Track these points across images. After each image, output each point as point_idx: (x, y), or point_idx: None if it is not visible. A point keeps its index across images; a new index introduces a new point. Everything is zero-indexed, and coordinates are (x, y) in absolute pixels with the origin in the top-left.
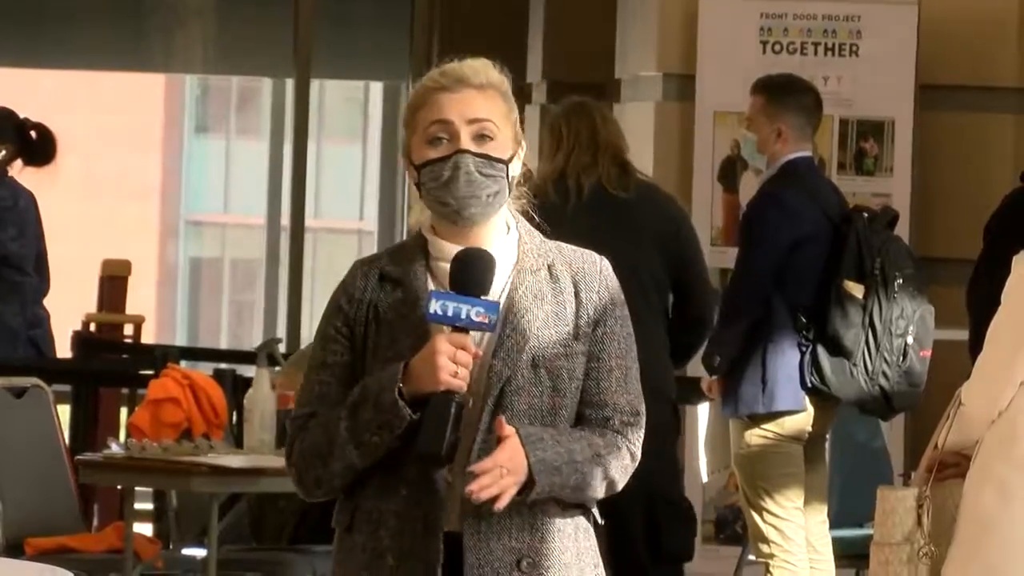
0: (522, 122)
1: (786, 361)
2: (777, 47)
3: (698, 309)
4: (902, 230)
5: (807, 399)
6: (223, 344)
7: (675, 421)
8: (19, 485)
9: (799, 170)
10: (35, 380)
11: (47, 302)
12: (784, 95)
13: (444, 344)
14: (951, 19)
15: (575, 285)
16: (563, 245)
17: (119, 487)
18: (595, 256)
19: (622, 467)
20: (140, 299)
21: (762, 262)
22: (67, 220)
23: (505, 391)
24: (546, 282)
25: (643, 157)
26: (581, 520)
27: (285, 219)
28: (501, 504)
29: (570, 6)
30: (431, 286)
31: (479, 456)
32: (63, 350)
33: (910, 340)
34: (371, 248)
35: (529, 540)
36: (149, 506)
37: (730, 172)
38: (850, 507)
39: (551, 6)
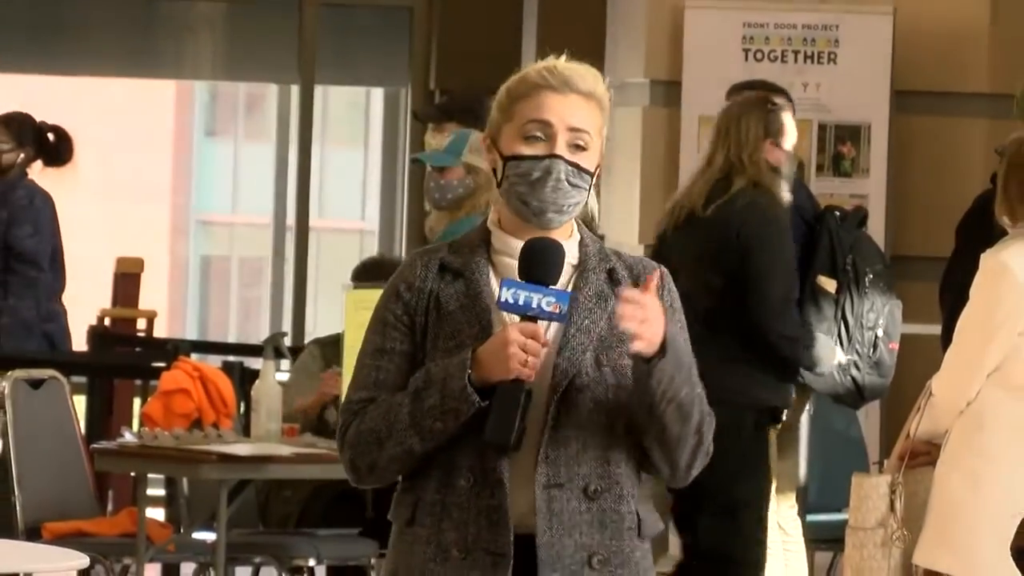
0: None
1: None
2: (759, 55)
3: None
4: (877, 229)
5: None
6: (231, 338)
7: None
8: (37, 472)
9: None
10: (52, 372)
11: (65, 298)
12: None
13: (515, 333)
14: (925, 28)
15: (636, 286)
16: (623, 252)
17: (132, 474)
18: (654, 263)
19: (709, 444)
20: (152, 295)
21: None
22: (83, 220)
23: (570, 388)
24: (607, 284)
25: (631, 160)
26: (638, 518)
27: (290, 219)
28: (640, 345)
29: (561, 16)
30: (493, 278)
31: (548, 450)
32: (79, 343)
33: (880, 333)
34: (372, 247)
35: (599, 538)
36: (161, 492)
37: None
38: (827, 493)
39: (543, 16)
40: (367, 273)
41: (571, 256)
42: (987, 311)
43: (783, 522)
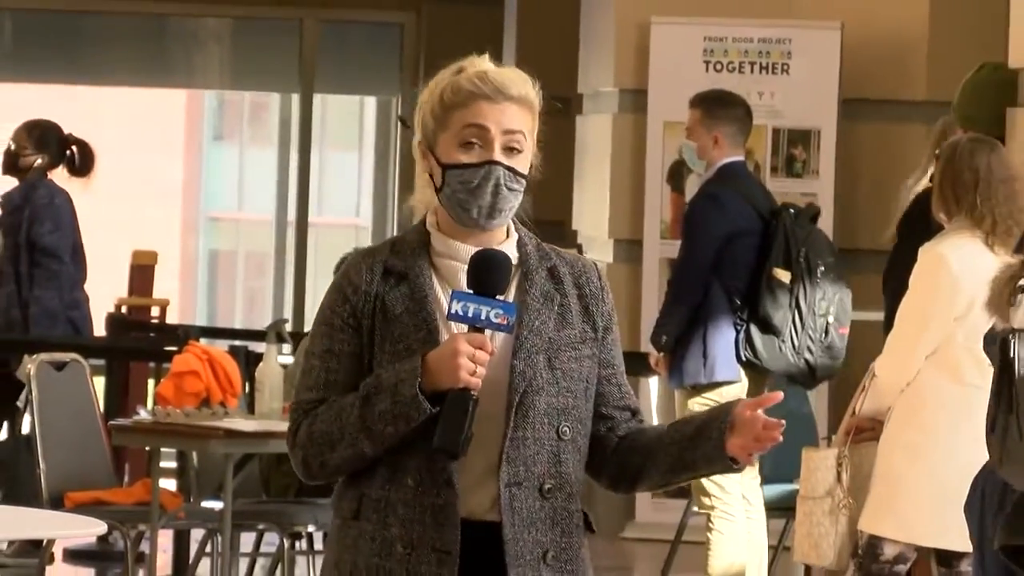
0: None
1: (723, 338)
2: (718, 66)
3: None
4: (826, 224)
5: (742, 371)
6: (237, 324)
7: None
8: (59, 446)
9: (733, 172)
10: (74, 355)
11: (86, 288)
12: (718, 108)
13: (464, 344)
14: (870, 42)
15: (577, 288)
16: (557, 248)
17: (147, 448)
18: (592, 262)
19: None
20: (165, 285)
21: (701, 253)
22: (102, 217)
23: (527, 391)
24: (549, 283)
25: (601, 163)
26: (585, 516)
27: (291, 216)
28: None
29: (537, 31)
30: (436, 282)
31: (508, 453)
32: (98, 329)
33: (831, 320)
34: (366, 241)
35: (551, 535)
36: (173, 464)
37: (677, 175)
38: (780, 466)
39: (521, 31)
40: None
41: (512, 256)
42: (925, 299)
43: (747, 492)
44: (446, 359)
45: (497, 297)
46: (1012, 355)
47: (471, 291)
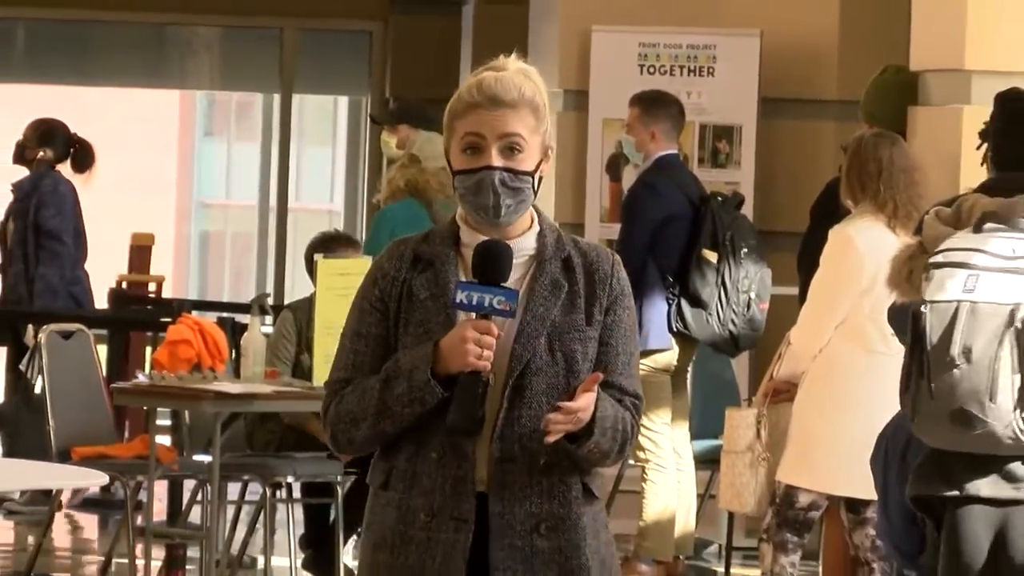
0: None
1: (657, 311)
2: (651, 69)
3: None
4: (748, 210)
5: (673, 340)
6: (225, 298)
7: None
8: (67, 407)
9: (668, 164)
10: (79, 326)
11: (89, 266)
12: (656, 106)
13: (470, 331)
14: (786, 47)
15: (588, 275)
16: (579, 239)
17: (144, 408)
18: (608, 251)
19: (628, 448)
20: (161, 263)
21: (638, 235)
22: (105, 203)
23: (525, 372)
24: (562, 272)
25: None
26: (585, 487)
27: (272, 202)
28: (551, 439)
29: (491, 38)
30: (460, 270)
31: (503, 429)
32: (101, 302)
33: (752, 295)
34: (339, 224)
35: (547, 507)
36: (167, 422)
37: (615, 166)
38: (707, 424)
39: (476, 38)
40: (329, 243)
41: (529, 248)
42: (834, 275)
43: (678, 447)
44: (455, 345)
45: (501, 285)
46: (923, 326)
47: (476, 280)
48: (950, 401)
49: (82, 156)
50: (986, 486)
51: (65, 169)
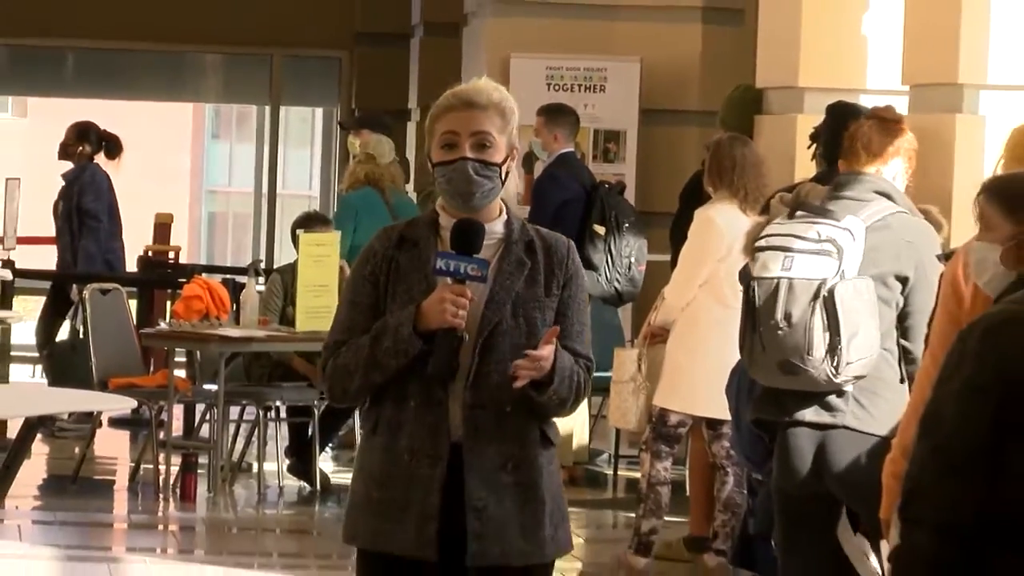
0: (404, 135)
1: (582, 272)
2: (557, 87)
3: None
4: (629, 195)
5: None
6: (228, 263)
7: None
8: (106, 347)
9: (567, 160)
10: (114, 285)
11: (124, 238)
12: (557, 115)
13: (447, 293)
14: (660, 70)
15: (547, 257)
16: (540, 228)
17: (165, 348)
18: (565, 239)
19: (580, 399)
20: (178, 237)
21: (544, 214)
22: (135, 191)
23: (493, 333)
24: (525, 253)
25: None
26: (542, 433)
27: (264, 189)
28: (518, 384)
29: (433, 65)
30: (439, 248)
31: (474, 380)
32: (132, 267)
33: (632, 260)
34: (316, 206)
35: (512, 448)
36: (183, 359)
37: (528, 162)
38: (599, 361)
39: (422, 64)
40: (308, 221)
41: (498, 232)
42: (699, 246)
43: None
44: (434, 305)
45: (474, 255)
46: (752, 297)
47: (453, 251)
48: (777, 354)
49: (112, 147)
50: (809, 413)
51: (99, 159)
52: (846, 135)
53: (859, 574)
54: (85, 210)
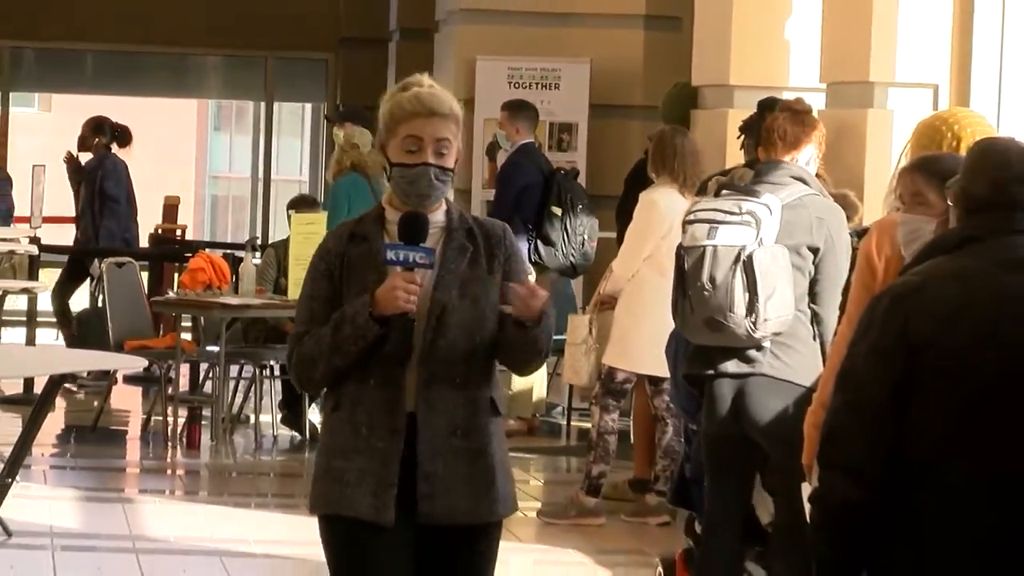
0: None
1: (520, 248)
2: (517, 85)
3: None
4: (582, 179)
5: (531, 267)
6: (228, 239)
7: None
8: (122, 313)
9: (528, 149)
10: (129, 259)
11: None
12: (519, 110)
13: (399, 280)
14: (608, 70)
15: (486, 240)
16: (480, 217)
17: (173, 314)
18: (500, 223)
19: (546, 353)
20: (184, 216)
21: (507, 197)
22: (147, 176)
23: (443, 313)
24: (466, 238)
25: None
26: (492, 401)
27: (260, 175)
28: (508, 309)
29: (408, 65)
30: (387, 241)
31: (427, 354)
32: (143, 242)
33: (585, 237)
34: (305, 190)
35: (462, 415)
36: (189, 324)
37: (492, 151)
38: (557, 325)
39: (399, 67)
40: (299, 203)
41: (440, 221)
42: (644, 225)
43: None
44: (387, 292)
45: (420, 244)
46: (682, 264)
47: (401, 242)
48: (704, 313)
49: (123, 136)
50: (731, 365)
51: (113, 148)
52: (764, 127)
53: (756, 511)
54: (107, 194)
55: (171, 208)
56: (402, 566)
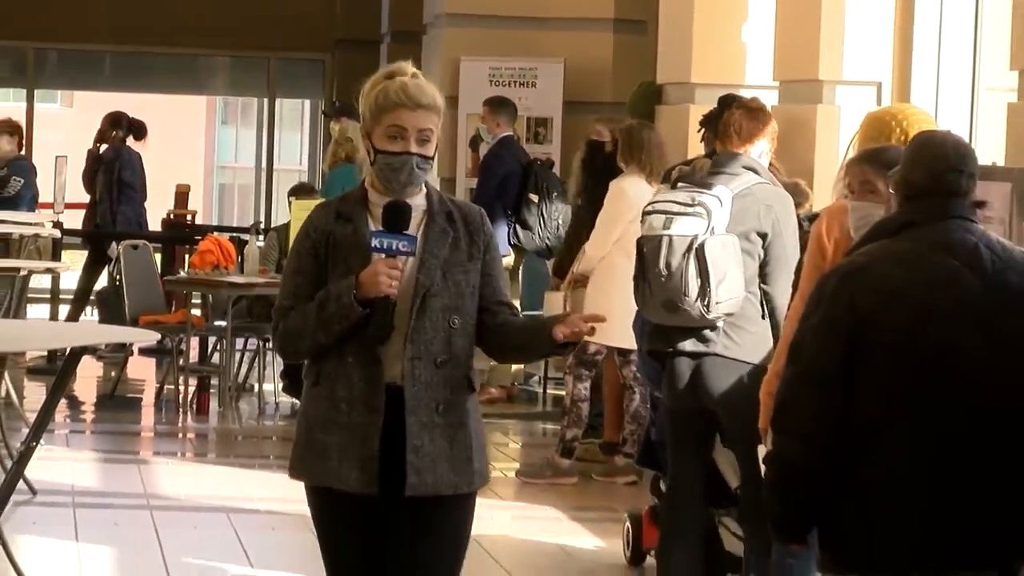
0: None
1: (500, 232)
2: (497, 83)
3: None
4: (557, 169)
5: (511, 249)
6: (235, 224)
7: None
8: (136, 291)
9: (508, 142)
10: (143, 241)
11: (148, 204)
12: (499, 106)
13: (382, 266)
14: (580, 69)
15: (465, 225)
16: (457, 200)
17: (184, 291)
18: (476, 207)
19: None
20: (194, 202)
21: (489, 185)
22: (160, 166)
23: (427, 295)
24: (446, 223)
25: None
26: (468, 379)
27: (264, 164)
28: (587, 338)
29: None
30: (370, 222)
31: (413, 335)
32: (158, 227)
33: (560, 222)
34: (304, 179)
35: (444, 392)
36: (198, 301)
37: (475, 143)
38: (532, 302)
39: (391, 63)
40: (298, 190)
41: (421, 205)
42: (614, 210)
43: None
44: (371, 277)
45: (403, 233)
46: (642, 251)
47: (384, 230)
48: (661, 296)
49: (139, 131)
50: (688, 344)
51: (130, 141)
52: (722, 122)
53: (725, 476)
54: (125, 183)
55: (182, 195)
56: (386, 534)
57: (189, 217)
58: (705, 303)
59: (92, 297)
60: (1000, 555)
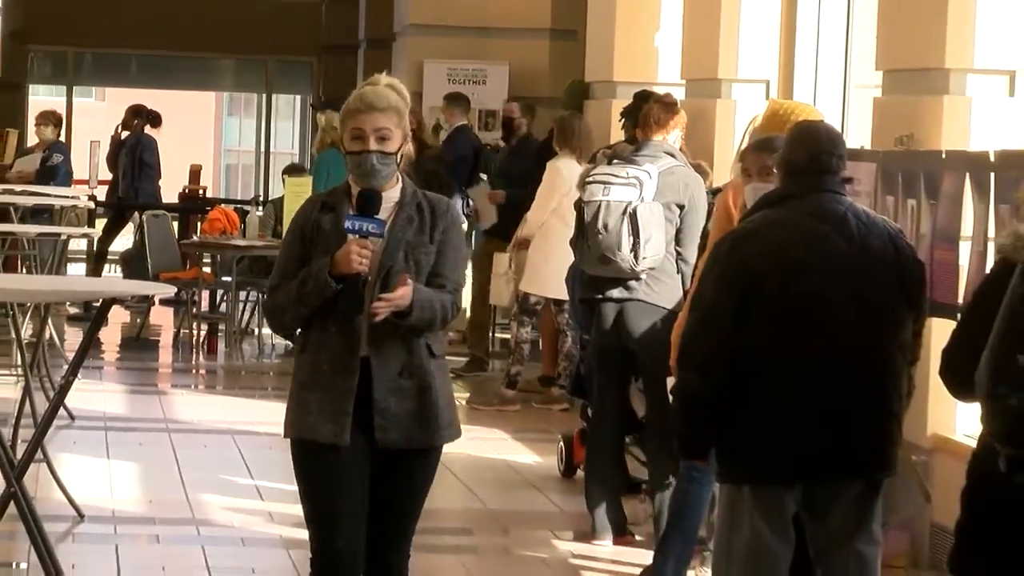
0: None
1: (456, 204)
2: (454, 81)
3: None
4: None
5: (465, 219)
6: (238, 197)
7: None
8: (158, 252)
9: (462, 130)
10: (163, 211)
11: (164, 182)
12: (456, 101)
13: (354, 246)
14: (522, 71)
15: (432, 214)
16: (429, 194)
17: (197, 253)
18: (445, 199)
19: (451, 317)
20: (205, 179)
21: (445, 167)
22: (176, 148)
23: (390, 273)
24: (415, 212)
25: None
26: (428, 346)
27: (263, 148)
28: (377, 319)
29: (372, 67)
30: (351, 209)
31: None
32: (174, 199)
33: None
34: (296, 160)
35: (407, 358)
36: (208, 260)
37: (436, 131)
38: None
39: (365, 67)
40: (291, 170)
41: (395, 197)
42: (549, 186)
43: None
44: (344, 256)
45: (374, 217)
46: (583, 213)
47: (358, 214)
48: (598, 251)
49: (155, 119)
50: (615, 292)
51: (148, 129)
52: (641, 113)
53: (635, 408)
54: (146, 163)
55: (195, 173)
56: (356, 479)
57: (201, 191)
58: (635, 257)
59: (116, 257)
60: (864, 467)
